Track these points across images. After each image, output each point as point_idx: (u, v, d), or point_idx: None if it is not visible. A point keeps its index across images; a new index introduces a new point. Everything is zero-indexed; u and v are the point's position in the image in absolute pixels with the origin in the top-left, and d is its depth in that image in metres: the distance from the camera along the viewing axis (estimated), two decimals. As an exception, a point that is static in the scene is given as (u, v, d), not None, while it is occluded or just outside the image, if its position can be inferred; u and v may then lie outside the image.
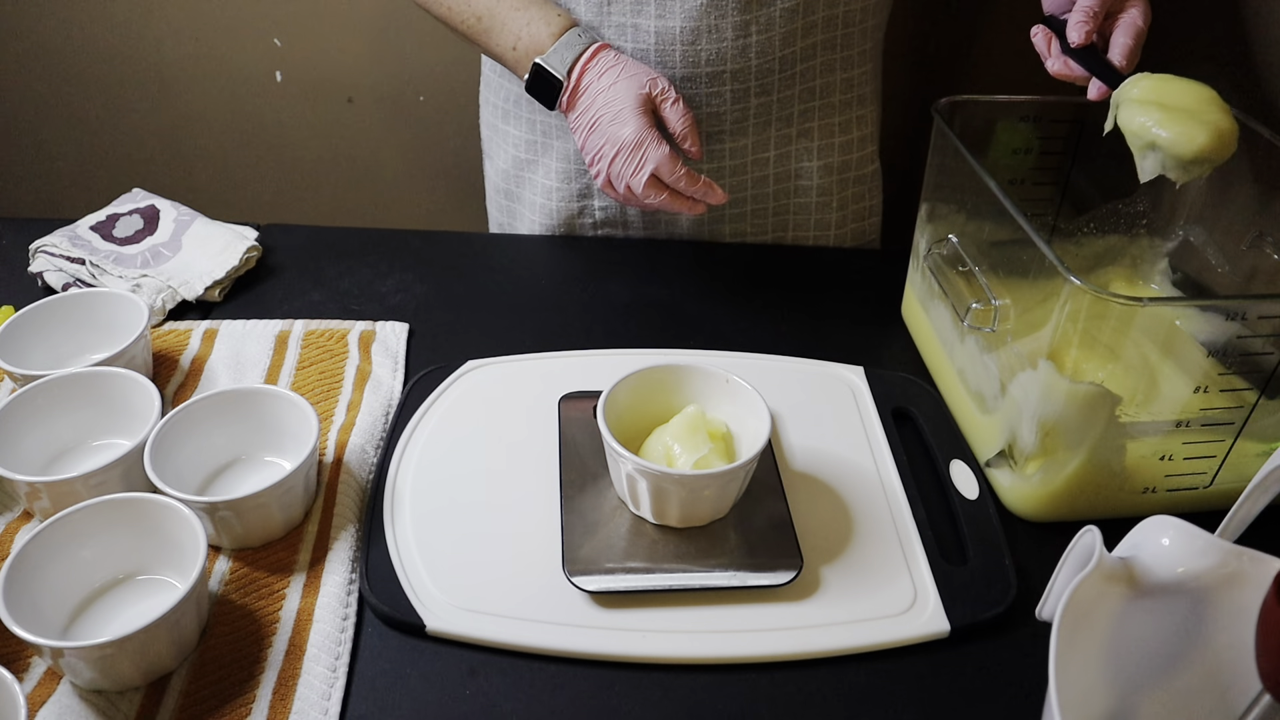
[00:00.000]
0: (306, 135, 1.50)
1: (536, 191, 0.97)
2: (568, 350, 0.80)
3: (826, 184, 0.95)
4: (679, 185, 0.78)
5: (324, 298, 0.87)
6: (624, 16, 0.83)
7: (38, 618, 0.53)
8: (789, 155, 0.92)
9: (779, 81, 0.86)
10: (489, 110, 1.00)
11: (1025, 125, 0.78)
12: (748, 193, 0.94)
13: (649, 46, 0.83)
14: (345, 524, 0.64)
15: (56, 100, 1.48)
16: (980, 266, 0.70)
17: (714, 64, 0.84)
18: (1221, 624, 0.49)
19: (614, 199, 0.82)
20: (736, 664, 0.57)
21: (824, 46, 0.87)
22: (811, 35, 0.85)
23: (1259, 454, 0.64)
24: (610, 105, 0.78)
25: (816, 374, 0.79)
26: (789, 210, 0.96)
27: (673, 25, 0.82)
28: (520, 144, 0.96)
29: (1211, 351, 0.61)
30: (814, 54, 0.87)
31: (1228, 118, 0.64)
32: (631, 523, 0.63)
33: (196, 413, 0.65)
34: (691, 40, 0.82)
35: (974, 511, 0.67)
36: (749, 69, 0.84)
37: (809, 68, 0.87)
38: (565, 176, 0.94)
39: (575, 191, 0.95)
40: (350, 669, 0.56)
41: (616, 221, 0.97)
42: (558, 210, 0.97)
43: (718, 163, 0.91)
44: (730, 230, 0.97)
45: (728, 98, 0.86)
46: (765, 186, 0.94)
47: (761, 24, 0.82)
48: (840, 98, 0.91)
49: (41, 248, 0.86)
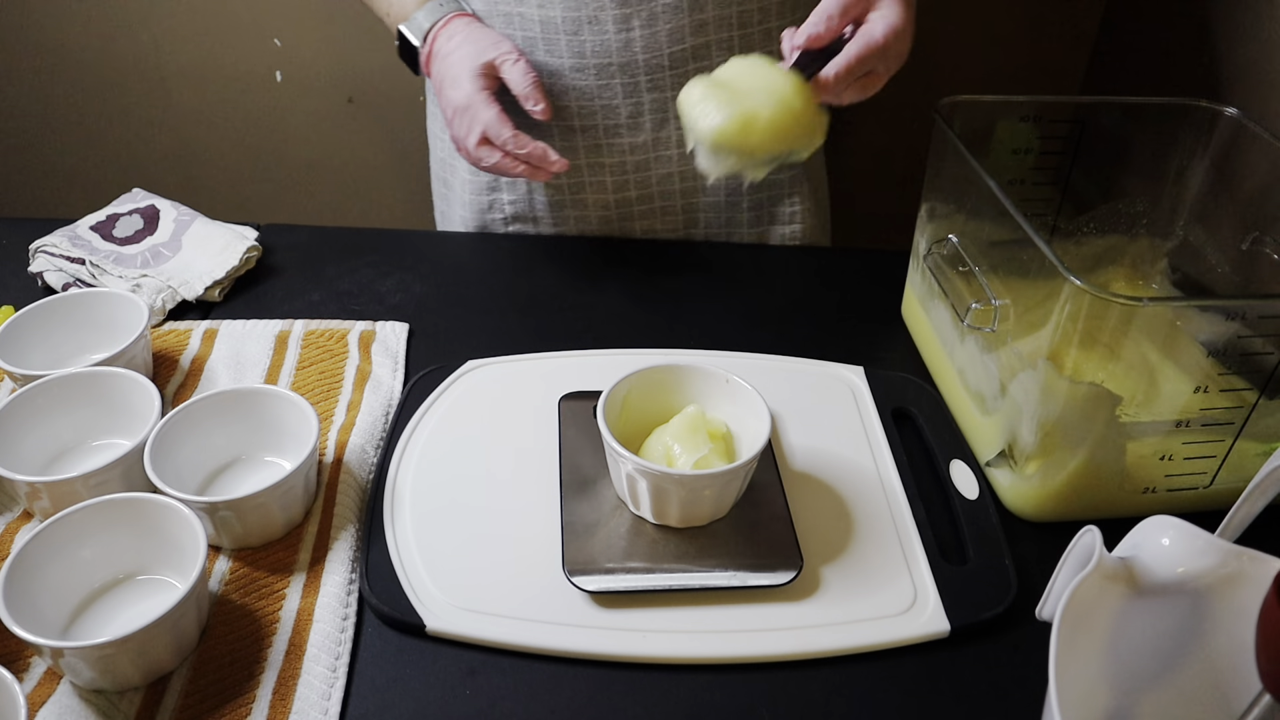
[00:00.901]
0: (306, 135, 1.50)
1: (460, 182, 0.99)
2: (568, 350, 0.80)
3: (735, 183, 0.95)
4: (507, 147, 0.79)
5: (324, 298, 0.87)
6: (509, 5, 0.84)
7: (38, 618, 0.53)
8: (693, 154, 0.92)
9: (671, 78, 0.86)
10: (430, 99, 1.01)
11: (1025, 125, 0.78)
12: (653, 189, 0.94)
13: (535, 35, 0.85)
14: (345, 524, 0.64)
15: (56, 100, 1.48)
16: (980, 266, 0.70)
17: (600, 55, 0.84)
18: (1221, 624, 0.49)
19: (469, 162, 0.83)
20: (736, 664, 0.57)
21: (719, 46, 0.86)
22: (703, 34, 0.85)
23: (1259, 454, 0.64)
24: (450, 70, 0.81)
25: (816, 374, 0.79)
26: (698, 209, 0.96)
27: (554, 15, 0.83)
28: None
29: (1211, 351, 0.61)
30: (708, 53, 0.86)
31: (784, 110, 0.61)
32: (631, 523, 0.63)
33: (196, 413, 0.65)
34: (574, 30, 0.83)
35: (974, 511, 0.67)
36: (636, 63, 0.85)
37: (703, 67, 0.86)
38: (474, 169, 0.96)
39: (485, 184, 0.97)
40: (350, 669, 0.56)
41: (526, 217, 0.98)
42: (472, 201, 0.98)
43: (619, 157, 0.91)
44: (641, 228, 0.97)
45: (619, 91, 0.86)
46: (671, 184, 0.94)
47: (643, 18, 0.83)
48: None
49: (41, 248, 0.86)
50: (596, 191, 0.94)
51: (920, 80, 1.34)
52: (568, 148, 0.90)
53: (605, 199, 0.94)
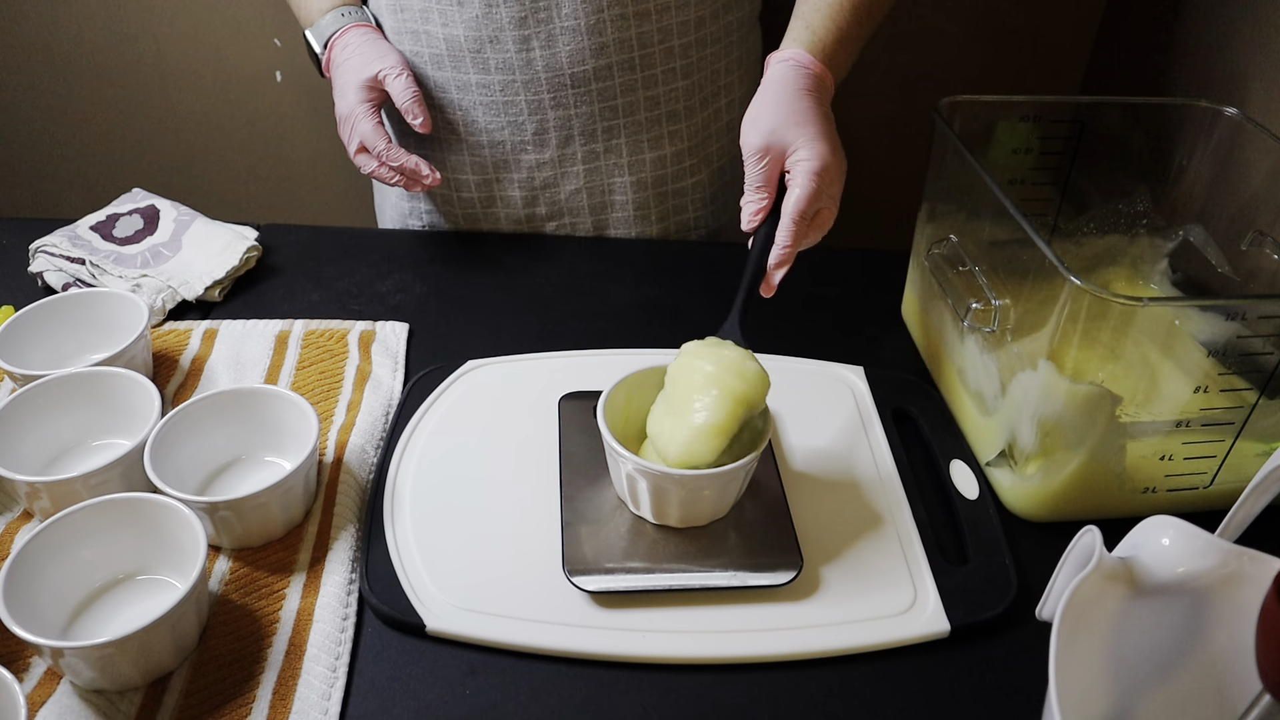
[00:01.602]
0: (306, 135, 1.50)
1: (389, 189, 1.01)
2: (568, 350, 0.80)
3: (642, 198, 0.96)
4: (383, 158, 0.83)
5: (324, 298, 0.87)
6: (415, 23, 0.86)
7: (38, 618, 0.53)
8: (598, 170, 0.93)
9: (574, 96, 0.87)
10: None
11: (1025, 125, 0.78)
12: (562, 204, 0.95)
13: (442, 53, 0.86)
14: (345, 524, 0.64)
15: (56, 100, 1.48)
16: (980, 266, 0.70)
17: (504, 73, 0.86)
18: (1221, 624, 0.49)
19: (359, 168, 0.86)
20: (736, 664, 0.57)
21: (621, 67, 0.87)
22: (604, 55, 0.85)
23: (1259, 454, 0.64)
24: (338, 79, 0.85)
25: (816, 374, 0.79)
26: (608, 224, 0.97)
27: (458, 34, 0.84)
28: None
29: (1211, 351, 0.61)
30: (610, 74, 0.87)
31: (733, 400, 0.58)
32: (631, 523, 0.63)
33: (196, 413, 0.65)
34: (477, 49, 0.85)
35: (974, 511, 0.67)
36: (539, 81, 0.86)
37: (606, 87, 0.88)
38: None
39: (406, 193, 0.99)
40: (350, 669, 0.56)
41: (441, 228, 0.99)
42: (397, 205, 1.01)
43: (528, 173, 0.92)
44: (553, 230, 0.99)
45: (524, 108, 0.88)
46: (579, 200, 0.95)
47: (542, 39, 0.84)
48: (646, 115, 0.91)
49: (41, 248, 0.86)
50: (506, 206, 0.95)
51: (920, 80, 1.34)
52: (476, 162, 0.92)
53: (515, 214, 0.96)
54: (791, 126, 0.68)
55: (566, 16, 0.83)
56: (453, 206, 0.97)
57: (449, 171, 0.94)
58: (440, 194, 0.96)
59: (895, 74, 1.34)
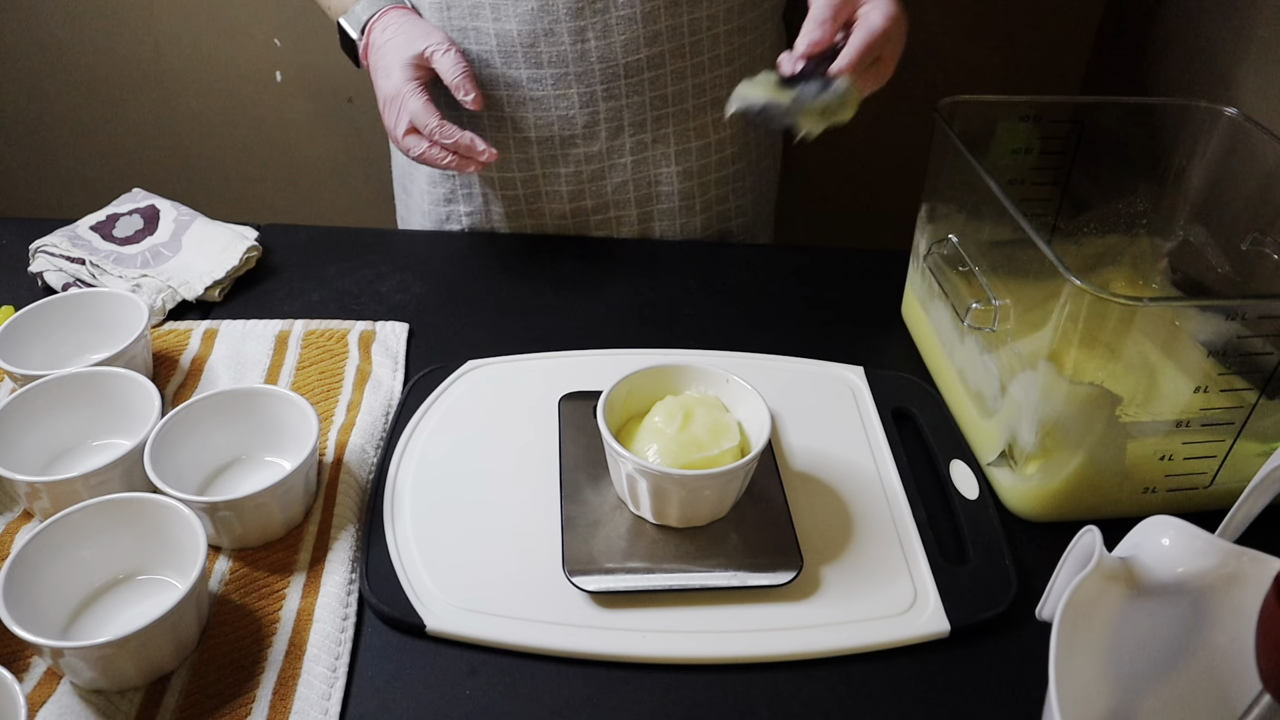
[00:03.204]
0: (306, 135, 1.50)
1: (418, 192, 1.00)
2: (568, 350, 0.80)
3: (687, 188, 0.96)
4: (434, 137, 0.79)
5: (324, 298, 0.87)
6: (463, 20, 0.85)
7: (38, 618, 0.53)
8: (646, 161, 0.93)
9: (626, 87, 0.87)
10: None
11: (1025, 125, 0.78)
12: (609, 197, 0.95)
13: (491, 49, 0.85)
14: (345, 524, 0.64)
15: (56, 100, 1.48)
16: (980, 266, 0.70)
17: (556, 66, 0.85)
18: (1221, 624, 0.49)
19: (402, 153, 0.83)
20: (736, 664, 0.57)
21: (672, 55, 0.87)
22: (656, 44, 0.85)
23: (1259, 454, 0.64)
24: (382, 60, 0.82)
25: (816, 374, 0.79)
26: (652, 216, 0.97)
27: (510, 28, 0.83)
28: None
29: (1211, 351, 0.61)
30: (661, 62, 0.87)
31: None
32: (631, 523, 0.63)
33: (196, 413, 0.65)
34: (530, 43, 0.84)
35: (974, 511, 0.67)
36: (593, 73, 0.86)
37: (658, 75, 0.88)
38: (432, 179, 0.97)
39: (441, 196, 0.97)
40: (350, 669, 0.56)
41: (483, 228, 0.98)
42: (430, 211, 0.99)
43: (575, 167, 0.92)
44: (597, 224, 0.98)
45: (575, 100, 0.87)
46: (626, 193, 0.95)
47: (598, 30, 0.83)
48: (693, 103, 0.91)
49: (41, 248, 0.86)
50: (552, 201, 0.95)
51: (920, 80, 1.34)
52: (523, 159, 0.91)
53: (561, 208, 0.95)
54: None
55: (622, 5, 0.82)
56: (496, 205, 0.96)
57: (493, 170, 0.93)
58: (484, 192, 0.95)
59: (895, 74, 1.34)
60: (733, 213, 1.00)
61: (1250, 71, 0.93)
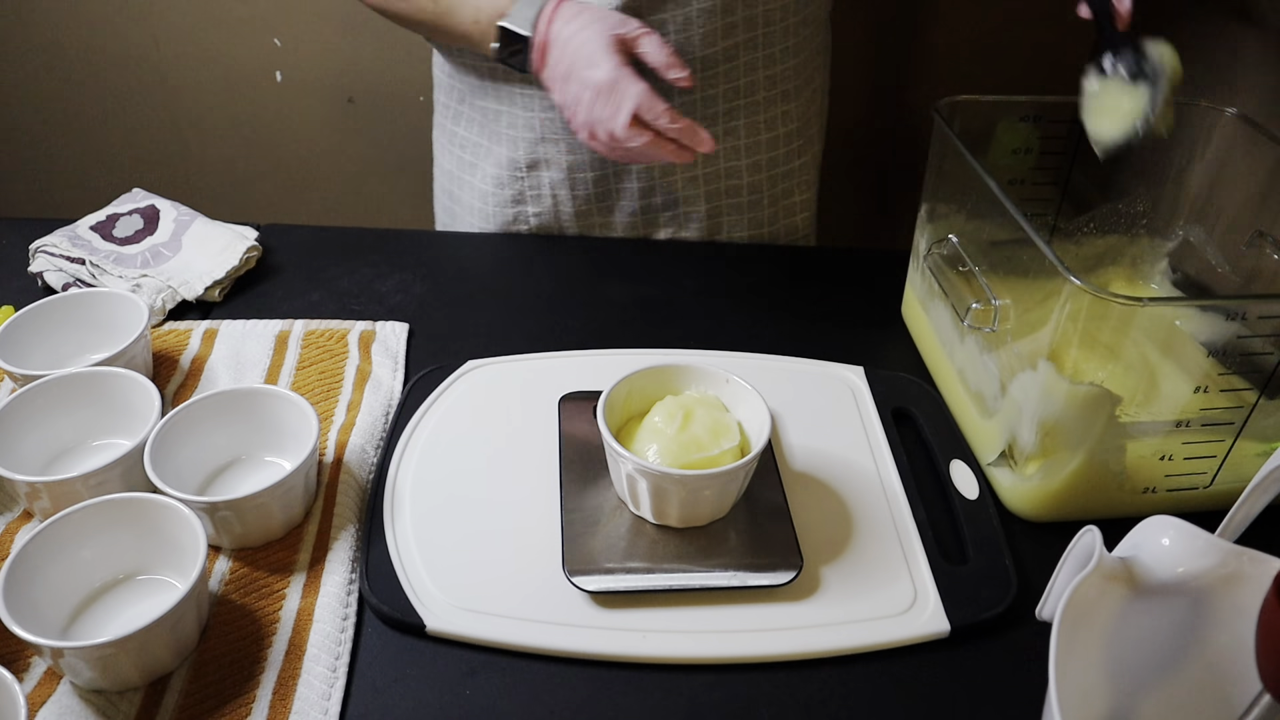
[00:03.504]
0: (306, 135, 1.50)
1: (475, 195, 0.99)
2: (568, 350, 0.80)
3: (756, 181, 0.96)
4: (660, 122, 0.74)
5: (324, 298, 0.87)
6: None
7: (38, 618, 0.53)
8: (717, 155, 0.93)
9: (702, 80, 0.87)
10: (439, 111, 1.01)
11: (1025, 125, 0.78)
12: (679, 194, 0.95)
13: None
14: (345, 524, 0.64)
15: (56, 100, 1.48)
16: (980, 266, 0.70)
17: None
18: (1221, 624, 0.49)
19: (599, 151, 0.79)
20: (736, 664, 0.57)
21: (745, 46, 0.87)
22: (732, 35, 0.86)
23: (1259, 454, 0.64)
24: (582, 50, 0.75)
25: (816, 374, 0.79)
26: (722, 211, 0.97)
27: None
28: (466, 145, 0.98)
29: (1211, 351, 0.61)
30: (736, 54, 0.87)
31: None
32: (631, 523, 0.63)
33: (196, 413, 0.65)
34: None
35: (974, 511, 0.67)
36: None
37: (732, 67, 0.88)
38: (499, 182, 0.96)
39: (509, 197, 0.97)
40: (350, 669, 0.56)
41: (550, 227, 0.98)
42: (494, 214, 0.98)
43: (647, 167, 0.92)
44: (665, 234, 0.98)
45: None
46: (696, 188, 0.95)
47: (678, 23, 0.83)
48: (764, 94, 0.91)
49: (41, 248, 0.86)
50: (623, 198, 0.95)
51: (920, 80, 1.34)
52: (595, 158, 0.91)
53: (631, 205, 0.95)
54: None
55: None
56: (566, 205, 0.95)
57: (565, 168, 0.93)
58: (554, 194, 0.95)
59: (896, 74, 1.34)
60: (797, 207, 1.01)
61: (1250, 71, 0.93)
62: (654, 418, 0.63)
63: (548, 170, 0.93)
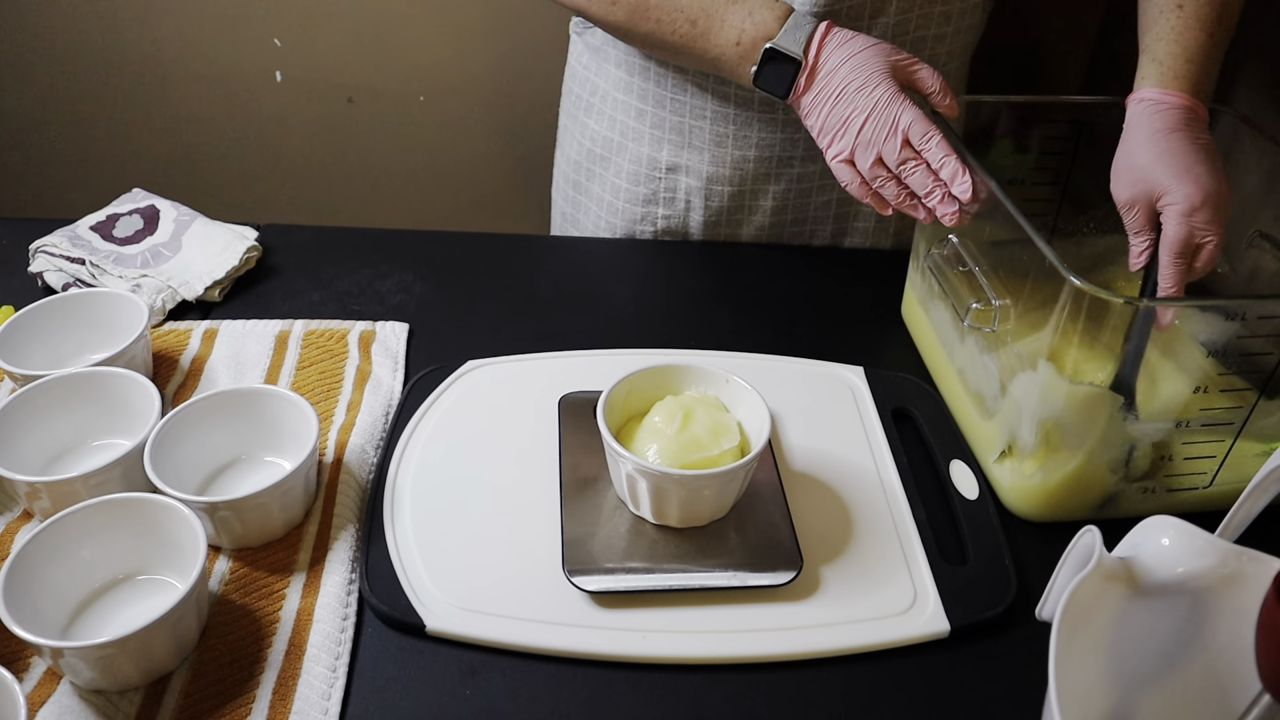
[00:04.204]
0: (306, 135, 1.50)
1: (605, 188, 0.99)
2: (568, 350, 0.80)
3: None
4: (929, 146, 0.71)
5: (324, 298, 0.87)
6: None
7: (38, 618, 0.53)
8: None
9: None
10: (570, 100, 1.01)
11: (1025, 125, 0.78)
12: (809, 214, 0.96)
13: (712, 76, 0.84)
14: (345, 524, 0.64)
15: (56, 100, 1.48)
16: (980, 266, 0.70)
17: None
18: (1221, 624, 0.49)
19: (852, 190, 0.76)
20: (736, 664, 0.57)
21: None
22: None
23: (1259, 454, 0.64)
24: (859, 72, 0.74)
25: (816, 374, 0.79)
26: (846, 232, 0.98)
27: None
28: (596, 139, 0.97)
29: (1211, 351, 0.61)
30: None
31: None
32: (631, 523, 0.63)
33: (196, 413, 0.65)
34: None
35: (974, 511, 0.67)
36: None
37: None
38: (635, 179, 0.96)
39: (641, 196, 0.96)
40: (350, 669, 0.56)
41: (677, 231, 0.98)
42: (623, 210, 0.98)
43: (786, 185, 0.92)
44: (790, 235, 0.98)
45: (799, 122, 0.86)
46: (827, 210, 0.96)
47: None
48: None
49: (41, 248, 0.86)
50: (754, 213, 0.95)
51: (920, 80, 1.34)
52: (739, 174, 0.92)
53: (761, 222, 0.96)
54: (1152, 171, 0.66)
55: (878, 26, 0.82)
56: (697, 213, 0.96)
57: (705, 182, 0.93)
58: (687, 199, 0.95)
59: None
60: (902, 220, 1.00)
61: (1250, 71, 0.93)
62: (654, 418, 0.63)
63: (685, 176, 0.94)
